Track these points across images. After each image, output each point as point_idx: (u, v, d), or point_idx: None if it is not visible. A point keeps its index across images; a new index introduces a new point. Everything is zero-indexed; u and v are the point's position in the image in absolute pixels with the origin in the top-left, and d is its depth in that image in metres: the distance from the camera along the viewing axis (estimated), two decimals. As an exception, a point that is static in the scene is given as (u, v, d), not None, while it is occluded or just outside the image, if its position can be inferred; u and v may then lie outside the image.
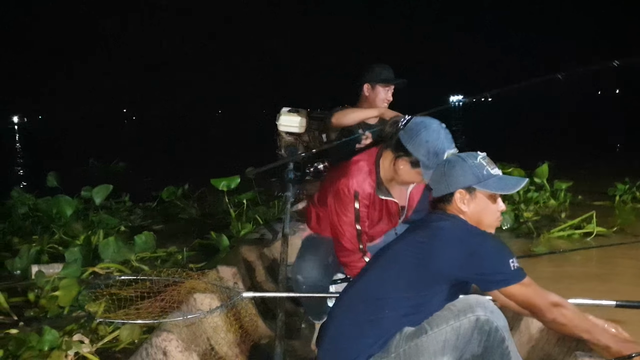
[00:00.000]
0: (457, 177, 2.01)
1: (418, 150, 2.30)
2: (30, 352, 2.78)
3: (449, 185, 2.02)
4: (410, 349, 1.83)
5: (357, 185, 2.49)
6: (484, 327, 1.81)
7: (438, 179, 2.07)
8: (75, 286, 3.56)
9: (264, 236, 4.43)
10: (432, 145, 2.27)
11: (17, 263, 4.43)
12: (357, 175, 2.51)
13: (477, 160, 2.03)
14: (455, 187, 2.01)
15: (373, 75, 3.64)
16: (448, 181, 2.03)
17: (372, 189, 2.51)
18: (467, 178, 2.00)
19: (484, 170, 2.01)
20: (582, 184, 7.68)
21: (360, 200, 2.49)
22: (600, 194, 7.38)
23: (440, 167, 2.09)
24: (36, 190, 6.85)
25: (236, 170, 6.05)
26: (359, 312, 1.93)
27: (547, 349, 2.51)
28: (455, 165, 2.03)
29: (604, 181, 7.80)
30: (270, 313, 3.32)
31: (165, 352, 2.25)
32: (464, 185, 2.01)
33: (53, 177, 6.53)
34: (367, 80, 3.66)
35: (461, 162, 2.03)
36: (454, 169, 2.03)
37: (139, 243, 4.67)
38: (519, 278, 1.86)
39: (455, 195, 2.01)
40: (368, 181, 2.50)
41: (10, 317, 3.45)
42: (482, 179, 2.00)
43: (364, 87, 3.66)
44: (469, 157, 2.04)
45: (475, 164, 2.02)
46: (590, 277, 4.33)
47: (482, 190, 2.00)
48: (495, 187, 2.00)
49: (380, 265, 2.00)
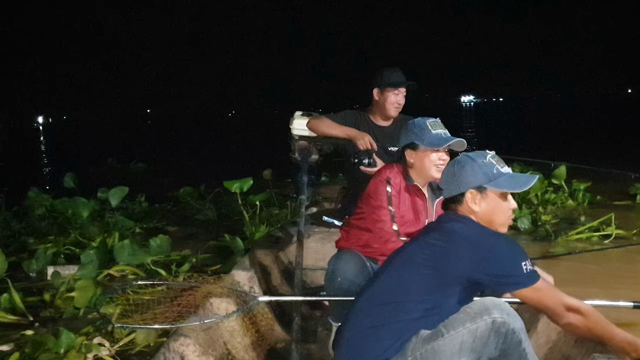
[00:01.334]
0: (467, 177, 2.00)
1: (409, 136, 2.67)
2: (46, 355, 2.79)
3: (459, 185, 2.02)
4: (426, 352, 1.82)
5: (388, 173, 2.72)
6: (501, 330, 1.80)
7: (448, 179, 2.07)
8: (91, 287, 3.58)
9: (279, 240, 4.42)
10: (415, 124, 2.68)
11: (33, 264, 4.47)
12: (387, 169, 2.78)
13: (487, 159, 2.02)
14: (465, 187, 2.01)
15: (382, 79, 3.64)
16: (458, 181, 2.02)
17: (402, 179, 2.71)
18: (478, 177, 2.00)
19: (494, 169, 2.00)
20: (602, 184, 7.56)
21: (392, 185, 2.68)
22: (621, 193, 7.28)
23: (449, 168, 2.08)
24: (54, 191, 6.91)
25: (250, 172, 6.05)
26: (374, 316, 1.92)
27: (565, 350, 2.49)
28: (465, 165, 2.02)
29: (625, 180, 7.69)
30: (286, 317, 3.31)
31: (182, 356, 2.25)
32: (474, 185, 2.00)
33: (70, 178, 6.59)
34: (376, 85, 3.66)
35: (470, 161, 2.02)
36: (463, 168, 2.02)
37: (153, 246, 4.69)
38: (532, 281, 1.84)
39: (466, 196, 2.01)
40: (398, 174, 2.72)
41: (25, 317, 3.49)
42: (492, 177, 1.99)
43: (374, 91, 3.67)
44: (478, 156, 2.03)
45: (485, 162, 2.01)
46: (608, 278, 4.28)
47: (493, 189, 1.99)
48: (506, 185, 1.99)
49: (394, 269, 1.99)
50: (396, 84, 3.61)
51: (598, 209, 6.40)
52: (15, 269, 4.51)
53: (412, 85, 3.66)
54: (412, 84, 3.65)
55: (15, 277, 4.14)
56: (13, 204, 6.67)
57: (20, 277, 4.35)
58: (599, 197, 7.08)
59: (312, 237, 3.94)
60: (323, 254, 3.54)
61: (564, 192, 6.91)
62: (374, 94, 3.66)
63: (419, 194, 2.73)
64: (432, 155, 2.63)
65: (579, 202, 6.83)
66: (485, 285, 1.90)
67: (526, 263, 1.85)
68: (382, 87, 3.62)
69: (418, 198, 2.73)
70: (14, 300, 3.57)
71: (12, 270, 4.39)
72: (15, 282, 3.80)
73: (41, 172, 16.00)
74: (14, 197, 6.93)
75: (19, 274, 4.44)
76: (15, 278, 4.00)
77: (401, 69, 3.69)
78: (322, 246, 3.60)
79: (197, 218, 6.62)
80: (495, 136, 22.79)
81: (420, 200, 2.73)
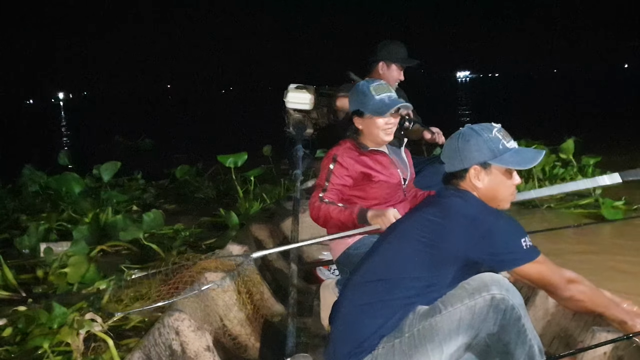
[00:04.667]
0: (472, 152, 1.93)
1: (354, 103, 2.67)
2: (39, 329, 2.79)
3: (463, 160, 1.95)
4: (424, 329, 1.80)
5: (335, 151, 2.70)
6: (500, 306, 1.77)
7: (451, 154, 1.99)
8: (84, 263, 3.60)
9: (274, 214, 4.40)
10: (358, 90, 2.67)
11: (25, 241, 4.46)
12: (336, 147, 2.73)
13: (493, 133, 1.94)
14: (469, 163, 1.94)
15: (390, 53, 3.60)
16: (462, 156, 1.95)
17: (353, 152, 2.68)
18: (483, 153, 1.93)
19: (500, 144, 1.93)
20: (614, 159, 7.56)
21: (339, 162, 2.65)
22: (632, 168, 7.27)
23: (453, 141, 2.00)
24: (48, 167, 6.85)
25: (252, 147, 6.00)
26: (370, 293, 1.90)
27: (564, 323, 2.51)
28: (470, 139, 1.94)
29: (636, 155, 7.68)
30: (282, 291, 3.32)
31: (177, 331, 2.24)
32: (479, 161, 1.93)
33: (65, 155, 6.55)
34: (382, 58, 3.62)
35: (476, 136, 1.94)
36: (468, 143, 1.94)
37: (147, 221, 4.68)
38: (531, 257, 1.83)
39: (469, 171, 1.94)
40: (350, 150, 2.69)
41: (18, 293, 3.51)
42: (497, 153, 1.92)
43: (379, 64, 3.63)
44: (484, 131, 1.95)
45: (491, 137, 1.93)
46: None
47: (497, 166, 1.93)
48: (512, 162, 1.93)
49: (390, 245, 1.97)
50: (403, 61, 3.60)
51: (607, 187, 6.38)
52: (7, 246, 4.50)
53: (417, 63, 3.65)
54: (417, 62, 3.65)
55: (7, 254, 4.13)
56: (11, 182, 6.63)
57: (13, 254, 4.35)
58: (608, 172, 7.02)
59: (308, 212, 3.92)
60: (318, 229, 3.52)
61: (572, 167, 6.90)
62: (379, 67, 3.63)
63: (378, 154, 2.73)
64: (378, 121, 2.63)
65: (588, 177, 6.80)
66: (483, 263, 1.87)
67: (525, 239, 1.83)
68: (389, 62, 3.59)
69: (380, 157, 2.73)
70: (7, 276, 3.59)
71: (4, 248, 4.39)
72: (8, 259, 3.80)
73: (45, 149, 15.75)
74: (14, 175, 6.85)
75: (11, 250, 4.43)
76: (7, 255, 4.01)
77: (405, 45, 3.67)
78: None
79: (196, 196, 6.60)
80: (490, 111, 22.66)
81: (384, 158, 2.73)
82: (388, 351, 1.82)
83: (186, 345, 2.25)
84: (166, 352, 2.18)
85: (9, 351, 2.73)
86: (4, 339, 2.87)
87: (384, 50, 3.62)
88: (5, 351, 2.73)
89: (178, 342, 2.24)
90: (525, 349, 1.79)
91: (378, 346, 1.83)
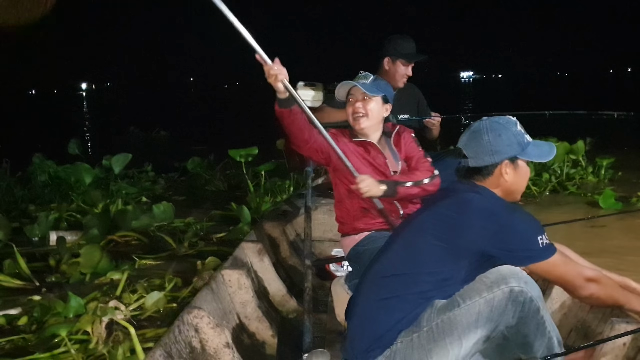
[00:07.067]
0: (504, 147, 1.96)
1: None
2: (55, 319, 2.84)
3: (494, 155, 1.96)
4: (443, 322, 1.84)
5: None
6: (518, 298, 1.81)
7: (480, 148, 1.99)
8: (97, 252, 3.64)
9: (286, 212, 4.45)
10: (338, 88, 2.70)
11: (35, 229, 4.53)
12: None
13: (517, 127, 1.99)
14: (501, 158, 1.96)
15: (396, 48, 3.57)
16: (494, 150, 1.96)
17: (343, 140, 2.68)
18: (513, 147, 1.96)
19: (524, 138, 1.99)
20: (629, 161, 7.62)
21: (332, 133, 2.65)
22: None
23: (481, 136, 1.99)
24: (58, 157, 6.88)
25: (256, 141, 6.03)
26: (386, 288, 1.93)
27: (581, 315, 2.54)
28: (502, 133, 1.96)
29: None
30: (296, 288, 3.37)
31: (197, 328, 2.30)
32: (509, 155, 1.97)
33: (75, 144, 6.57)
34: (388, 54, 3.59)
35: (505, 130, 1.97)
36: (500, 137, 1.96)
37: (157, 212, 4.74)
38: (547, 255, 1.85)
39: (500, 166, 1.97)
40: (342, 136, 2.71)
41: (31, 282, 3.54)
42: (524, 147, 1.98)
43: (385, 60, 3.60)
44: (510, 124, 1.99)
45: (517, 131, 1.98)
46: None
47: (522, 159, 1.98)
48: (534, 155, 1.99)
49: (404, 240, 2.00)
50: (409, 57, 3.56)
51: (626, 185, 6.44)
52: (17, 235, 4.55)
53: (424, 58, 3.61)
54: (424, 57, 3.60)
55: (17, 242, 4.18)
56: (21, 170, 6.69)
57: (22, 242, 4.41)
58: (620, 174, 7.06)
59: (320, 209, 3.96)
60: (330, 225, 3.57)
61: (582, 167, 6.91)
62: (385, 63, 3.60)
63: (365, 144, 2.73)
64: (347, 110, 2.68)
65: (601, 178, 6.83)
66: (499, 258, 1.90)
67: (542, 237, 1.85)
68: (394, 57, 3.56)
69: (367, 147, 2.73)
70: (20, 265, 3.64)
71: (14, 236, 4.43)
72: (18, 247, 3.84)
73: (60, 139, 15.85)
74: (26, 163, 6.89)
75: (21, 238, 4.49)
76: (17, 243, 4.04)
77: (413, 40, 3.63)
78: (330, 218, 3.62)
79: (207, 189, 6.65)
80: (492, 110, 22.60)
81: (371, 148, 2.73)
82: (407, 346, 1.84)
83: (205, 342, 2.31)
84: (186, 349, 2.23)
85: (26, 339, 2.78)
86: (20, 328, 2.93)
87: (389, 45, 3.58)
88: (22, 339, 2.79)
89: (197, 339, 2.30)
90: (544, 340, 1.82)
91: (396, 341, 1.86)
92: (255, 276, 3.21)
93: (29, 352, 2.63)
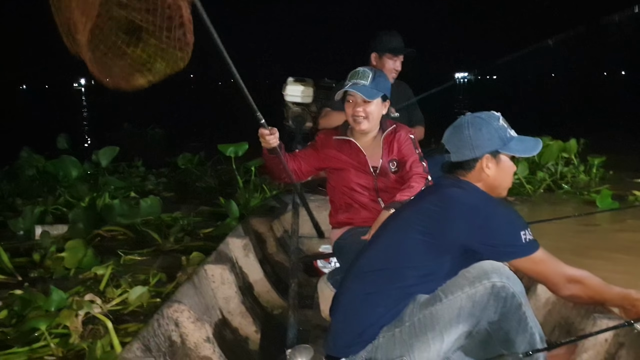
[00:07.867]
0: (485, 141, 1.95)
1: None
2: (36, 312, 2.82)
3: (475, 149, 1.96)
4: (425, 317, 1.84)
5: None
6: (500, 294, 1.80)
7: (460, 143, 1.99)
8: (81, 247, 3.62)
9: (274, 208, 4.44)
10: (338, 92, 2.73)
11: (20, 223, 4.49)
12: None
13: (500, 122, 1.98)
14: (482, 152, 1.96)
15: (380, 44, 3.57)
16: (474, 145, 1.96)
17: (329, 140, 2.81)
18: (494, 142, 1.96)
19: (507, 133, 1.98)
20: (621, 161, 7.68)
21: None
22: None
23: (462, 130, 1.99)
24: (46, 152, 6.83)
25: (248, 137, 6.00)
26: (369, 283, 1.93)
27: (565, 312, 2.55)
28: (482, 128, 1.96)
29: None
30: (282, 283, 3.35)
31: (177, 322, 2.28)
32: (490, 150, 1.96)
33: (64, 139, 6.54)
34: (374, 50, 3.60)
35: (486, 124, 1.97)
36: (480, 132, 1.95)
37: (144, 207, 4.73)
38: (529, 251, 1.84)
39: (481, 160, 1.96)
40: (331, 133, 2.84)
41: (14, 277, 3.52)
42: (506, 141, 1.97)
43: (372, 56, 3.61)
44: (492, 119, 1.98)
45: (499, 126, 1.97)
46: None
47: (505, 154, 1.97)
48: (518, 150, 1.98)
49: (390, 234, 2.00)
50: (395, 50, 3.55)
51: (611, 184, 6.48)
52: (1, 229, 4.51)
53: (411, 52, 3.60)
54: (411, 50, 3.60)
55: (1, 235, 4.13)
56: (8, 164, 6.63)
57: (7, 236, 4.37)
58: (611, 173, 7.10)
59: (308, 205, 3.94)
60: (319, 221, 3.55)
61: (574, 165, 6.95)
62: (372, 59, 3.61)
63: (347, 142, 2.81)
64: (347, 111, 2.70)
65: (592, 177, 6.87)
66: (482, 253, 1.89)
67: (525, 232, 1.84)
68: (381, 53, 3.56)
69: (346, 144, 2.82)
70: (2, 259, 3.61)
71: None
72: (1, 241, 3.80)
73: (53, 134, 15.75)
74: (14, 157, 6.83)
75: (5, 232, 4.44)
76: (1, 237, 3.99)
77: (400, 34, 3.63)
78: (318, 214, 3.61)
79: (197, 185, 6.62)
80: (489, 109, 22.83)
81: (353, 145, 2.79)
82: (388, 340, 1.84)
83: (186, 336, 2.29)
84: (165, 342, 2.20)
85: (5, 333, 2.77)
86: (0, 321, 2.89)
87: (375, 41, 3.59)
88: (1, 332, 2.76)
89: (177, 333, 2.28)
90: (526, 336, 1.81)
91: (378, 336, 1.86)
92: (240, 271, 3.19)
93: (7, 346, 2.61)
